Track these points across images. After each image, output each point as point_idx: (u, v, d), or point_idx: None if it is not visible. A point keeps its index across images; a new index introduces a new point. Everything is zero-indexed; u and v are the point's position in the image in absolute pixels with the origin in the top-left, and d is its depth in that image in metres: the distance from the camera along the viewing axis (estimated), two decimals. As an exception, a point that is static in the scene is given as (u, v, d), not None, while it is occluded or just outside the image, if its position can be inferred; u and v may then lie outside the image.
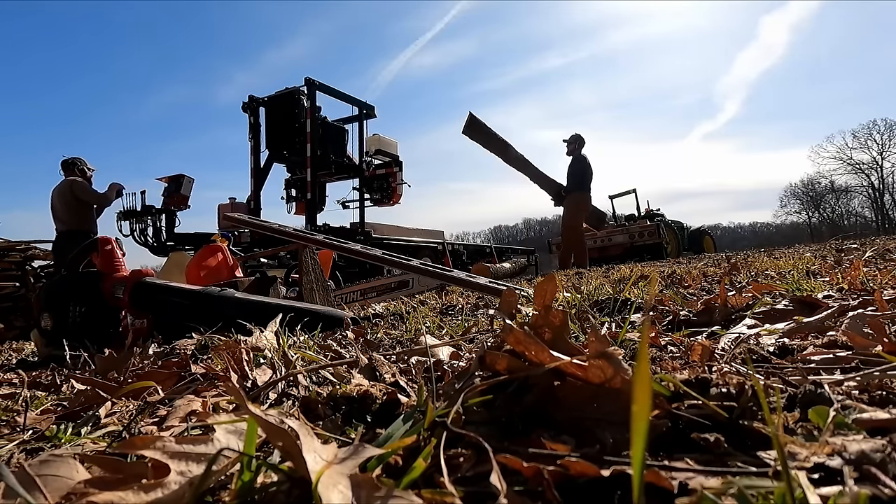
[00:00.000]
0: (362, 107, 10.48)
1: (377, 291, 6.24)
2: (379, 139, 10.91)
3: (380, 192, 10.73)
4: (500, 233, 75.51)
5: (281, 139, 9.61)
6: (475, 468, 0.37)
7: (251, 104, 9.77)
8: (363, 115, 10.47)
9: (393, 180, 10.71)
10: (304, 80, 9.46)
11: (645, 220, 13.37)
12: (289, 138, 9.51)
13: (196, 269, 3.39)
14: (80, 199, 5.17)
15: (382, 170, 10.83)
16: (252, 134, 9.77)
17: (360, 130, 10.44)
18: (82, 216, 5.21)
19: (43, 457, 0.41)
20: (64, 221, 5.14)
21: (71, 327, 1.87)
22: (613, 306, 1.37)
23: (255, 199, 9.75)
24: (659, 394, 0.42)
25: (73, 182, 5.17)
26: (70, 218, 5.13)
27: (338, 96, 10.13)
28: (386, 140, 11.12)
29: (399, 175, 10.80)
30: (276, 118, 9.63)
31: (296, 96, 9.45)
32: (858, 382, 0.50)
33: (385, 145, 11.04)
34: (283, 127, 9.53)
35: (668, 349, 0.80)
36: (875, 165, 38.91)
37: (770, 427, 0.36)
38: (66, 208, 5.11)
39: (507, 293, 0.88)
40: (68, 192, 5.13)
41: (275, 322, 1.17)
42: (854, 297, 1.09)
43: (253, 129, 9.77)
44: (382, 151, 10.95)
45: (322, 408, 0.57)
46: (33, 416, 0.72)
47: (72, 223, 5.13)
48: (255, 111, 9.81)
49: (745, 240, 52.97)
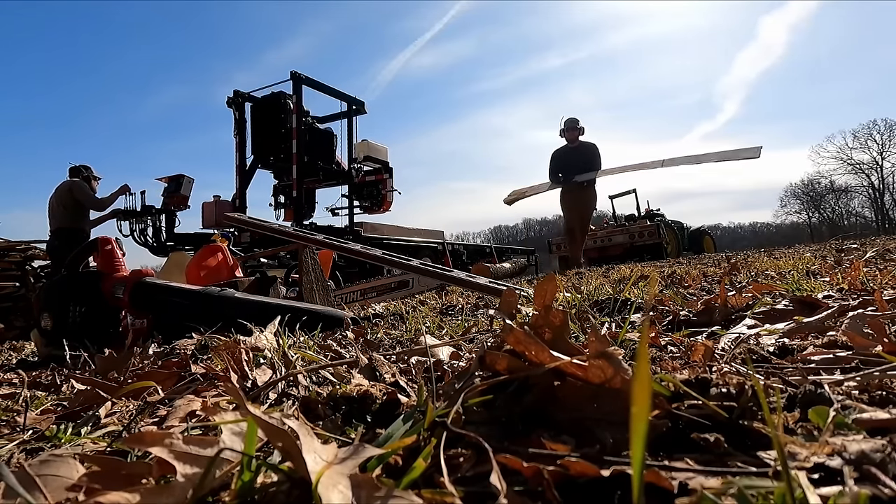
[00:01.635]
0: (352, 102, 9.96)
1: (377, 291, 6.23)
2: (368, 145, 10.45)
3: (370, 199, 10.40)
4: (500, 233, 75.49)
5: (267, 145, 9.23)
6: (475, 468, 0.37)
7: (236, 99, 9.32)
8: (353, 111, 9.97)
9: (383, 187, 10.37)
10: (290, 73, 8.94)
11: (645, 220, 13.38)
12: (275, 144, 9.13)
13: (196, 269, 3.39)
14: (77, 199, 5.26)
15: (372, 176, 10.45)
16: (237, 130, 9.33)
17: (350, 128, 9.95)
18: (76, 215, 5.36)
19: (43, 457, 0.41)
20: (57, 219, 5.28)
21: (71, 327, 1.87)
22: (613, 306, 1.37)
23: (241, 197, 9.32)
24: (659, 394, 0.42)
25: (74, 183, 5.30)
26: (63, 216, 5.27)
27: (325, 91, 9.62)
28: (375, 146, 10.66)
29: (389, 182, 10.46)
30: (261, 123, 9.23)
31: (282, 100, 9.08)
32: (858, 382, 0.50)
33: (375, 151, 10.60)
34: (268, 132, 9.15)
35: (668, 349, 0.80)
36: (875, 165, 38.94)
37: (770, 427, 0.36)
38: (61, 207, 5.27)
39: (507, 293, 0.88)
40: (66, 191, 5.25)
41: (274, 323, 1.17)
42: (854, 297, 1.09)
43: (238, 124, 9.32)
44: (372, 158, 10.50)
45: (322, 408, 0.57)
46: (33, 416, 0.72)
47: (64, 221, 5.27)
48: (241, 106, 9.36)
49: (745, 240, 52.95)
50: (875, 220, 39.44)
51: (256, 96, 9.49)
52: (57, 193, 5.32)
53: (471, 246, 13.40)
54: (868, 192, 40.04)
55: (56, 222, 5.29)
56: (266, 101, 9.32)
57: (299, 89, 9.04)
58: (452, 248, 11.44)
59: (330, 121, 10.31)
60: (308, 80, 9.20)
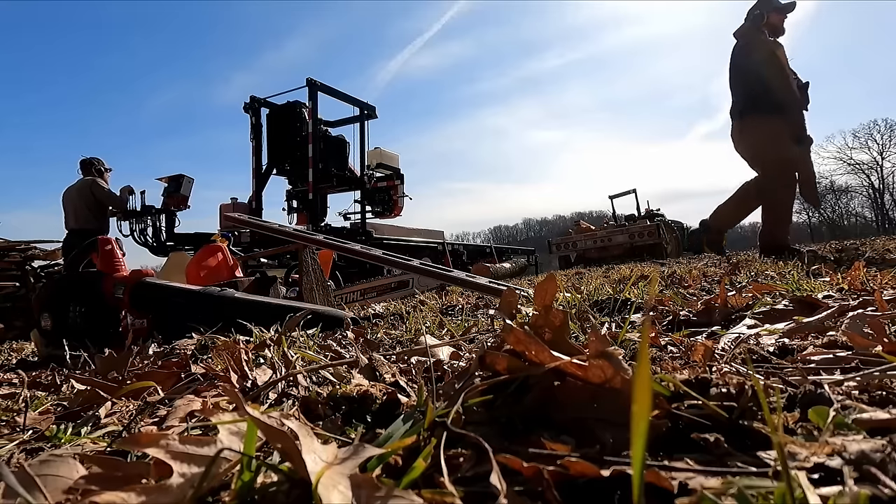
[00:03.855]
0: (363, 107, 10.50)
1: (377, 291, 6.24)
2: (381, 153, 11.04)
3: (381, 204, 10.88)
4: (500, 233, 75.49)
5: (282, 152, 9.72)
6: (475, 468, 0.37)
7: (252, 105, 9.80)
8: (364, 115, 10.50)
9: (394, 193, 10.88)
10: (306, 80, 9.44)
11: (645, 220, 13.38)
12: (290, 151, 9.61)
13: (196, 269, 3.39)
14: (100, 200, 5.20)
15: (384, 182, 10.98)
16: (254, 134, 9.81)
17: (362, 131, 10.47)
18: (99, 217, 5.27)
19: (43, 457, 0.41)
20: (79, 220, 5.14)
21: (71, 327, 1.87)
22: (613, 306, 1.37)
23: (257, 199, 9.81)
24: (659, 394, 0.42)
25: (94, 183, 5.20)
26: (87, 217, 5.15)
27: (339, 97, 10.14)
28: (388, 154, 11.27)
29: (400, 188, 10.96)
30: (277, 130, 9.73)
31: (297, 109, 9.55)
32: (858, 382, 0.50)
33: (387, 159, 11.20)
34: (284, 139, 9.63)
35: (668, 349, 0.80)
36: (875, 165, 38.88)
37: (770, 427, 0.36)
38: (85, 208, 5.14)
39: (507, 293, 0.88)
40: (88, 192, 5.16)
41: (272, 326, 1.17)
42: (854, 297, 1.09)
43: (255, 129, 9.81)
44: (384, 165, 11.09)
45: (322, 408, 0.57)
46: (33, 416, 0.72)
47: (88, 223, 5.14)
48: (257, 112, 9.84)
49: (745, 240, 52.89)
50: (875, 220, 39.43)
51: (273, 102, 9.94)
52: (79, 192, 5.16)
53: (471, 246, 13.44)
54: (868, 193, 40.04)
55: (79, 222, 5.13)
56: (282, 110, 9.77)
57: (315, 95, 9.46)
58: (452, 248, 11.53)
59: (341, 125, 10.75)
60: (323, 87, 9.63)
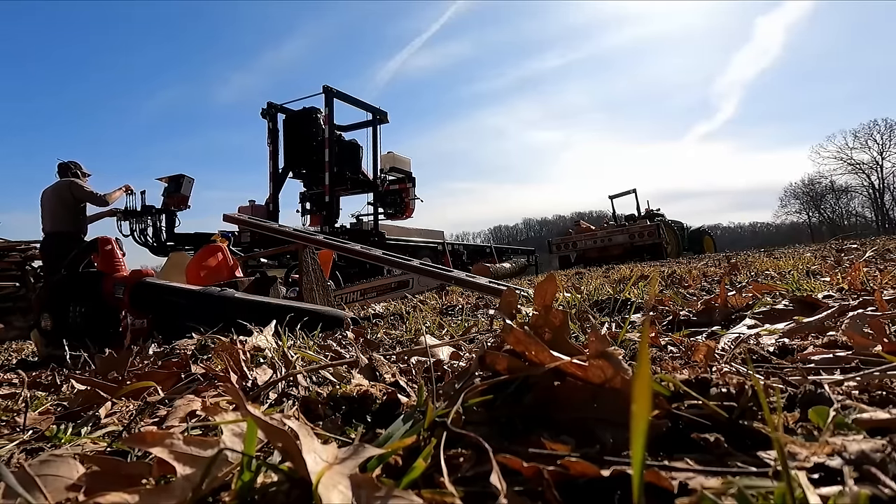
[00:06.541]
0: (376, 113, 10.86)
1: (377, 291, 6.23)
2: (393, 157, 11.50)
3: (393, 206, 11.28)
4: (500, 233, 75.44)
5: (298, 156, 10.09)
6: (475, 468, 0.37)
7: (269, 110, 10.19)
8: (377, 120, 10.85)
9: (406, 195, 11.33)
10: (322, 87, 9.82)
11: (645, 220, 13.39)
12: (306, 155, 9.99)
13: (196, 269, 3.39)
14: (79, 199, 5.08)
15: (396, 185, 11.41)
16: (271, 139, 10.18)
17: (374, 136, 10.82)
18: (76, 218, 5.06)
19: (43, 457, 0.41)
20: (56, 222, 4.97)
21: (71, 327, 1.87)
22: (613, 306, 1.37)
23: (274, 201, 10.13)
24: (659, 394, 0.42)
25: (73, 183, 5.03)
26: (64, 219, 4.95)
27: (354, 103, 10.54)
28: (400, 158, 11.72)
29: (412, 190, 11.43)
30: (294, 135, 10.09)
31: (313, 115, 9.95)
32: (858, 382, 0.50)
33: (399, 163, 11.66)
34: (300, 144, 10.00)
35: (668, 349, 0.80)
36: (875, 165, 38.88)
37: (770, 427, 0.36)
38: (63, 209, 4.95)
39: (507, 293, 0.88)
40: (67, 192, 5.00)
41: (271, 326, 1.17)
42: (854, 297, 1.09)
43: (271, 134, 10.17)
44: (397, 168, 11.54)
45: (322, 408, 0.57)
46: (33, 416, 0.72)
47: (66, 223, 4.95)
48: (274, 117, 10.21)
49: (745, 240, 52.84)
50: (875, 220, 39.42)
51: (289, 108, 10.36)
52: (56, 194, 5.00)
53: (471, 246, 13.50)
54: (868, 192, 40.04)
55: (56, 224, 4.98)
56: (298, 115, 10.19)
57: (331, 102, 9.85)
58: (452, 248, 11.64)
59: (354, 129, 11.09)
60: (339, 94, 10.02)
